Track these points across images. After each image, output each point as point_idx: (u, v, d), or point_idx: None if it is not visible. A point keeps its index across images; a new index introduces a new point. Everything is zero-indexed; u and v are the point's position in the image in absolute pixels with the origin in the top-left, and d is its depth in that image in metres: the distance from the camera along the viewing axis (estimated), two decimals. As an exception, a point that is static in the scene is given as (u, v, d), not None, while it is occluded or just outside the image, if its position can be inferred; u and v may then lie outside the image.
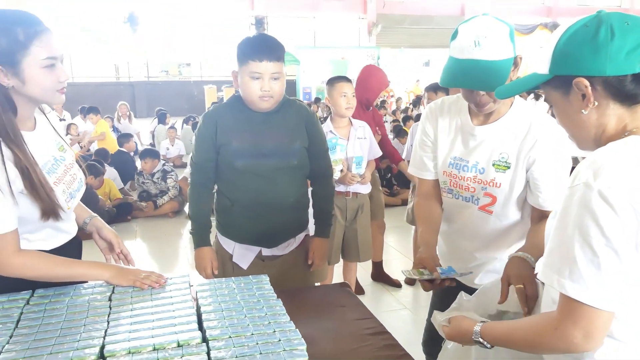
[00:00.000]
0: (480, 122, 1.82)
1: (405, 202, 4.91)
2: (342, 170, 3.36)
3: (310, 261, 2.34)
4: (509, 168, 1.76)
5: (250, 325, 1.40)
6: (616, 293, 1.04)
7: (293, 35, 18.54)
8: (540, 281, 1.49)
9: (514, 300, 1.56)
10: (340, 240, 3.59)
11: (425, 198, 2.01)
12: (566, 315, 1.08)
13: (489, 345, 1.30)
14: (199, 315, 1.48)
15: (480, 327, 1.30)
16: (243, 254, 2.26)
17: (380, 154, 3.66)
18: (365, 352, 1.54)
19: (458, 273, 1.76)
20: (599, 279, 1.04)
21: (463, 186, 1.87)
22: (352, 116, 3.50)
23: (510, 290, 1.58)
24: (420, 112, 8.51)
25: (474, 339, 1.31)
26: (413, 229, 4.44)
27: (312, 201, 2.39)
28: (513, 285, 1.53)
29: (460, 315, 1.41)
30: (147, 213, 6.38)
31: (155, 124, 11.23)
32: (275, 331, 1.38)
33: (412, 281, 4.33)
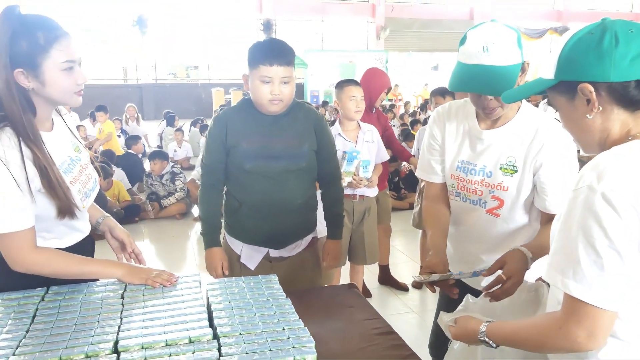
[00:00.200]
0: (487, 126, 1.84)
1: (412, 206, 4.92)
2: (351, 182, 3.37)
3: (324, 263, 2.36)
4: (516, 172, 1.78)
5: (259, 323, 1.43)
6: (619, 293, 1.06)
7: (301, 39, 18.57)
8: (546, 283, 1.52)
9: (519, 305, 1.58)
10: (347, 243, 3.59)
11: (433, 201, 2.02)
12: (570, 314, 1.10)
13: (495, 345, 1.31)
14: (210, 313, 1.51)
15: (486, 327, 1.32)
16: (251, 255, 2.29)
17: (387, 157, 3.66)
18: (372, 352, 1.56)
19: (465, 274, 1.78)
20: (602, 280, 1.06)
21: (471, 189, 1.88)
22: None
23: (517, 293, 1.61)
24: (428, 116, 8.52)
25: (480, 338, 1.32)
26: (420, 232, 4.46)
27: (322, 204, 2.41)
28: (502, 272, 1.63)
29: (467, 316, 1.43)
30: (154, 215, 6.42)
31: (163, 126, 11.28)
32: (285, 329, 1.40)
33: (420, 285, 4.32)
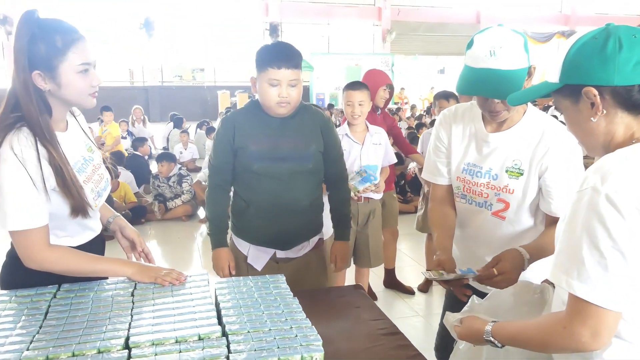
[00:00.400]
0: (493, 129, 1.86)
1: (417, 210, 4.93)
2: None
3: (332, 265, 2.38)
4: (522, 175, 1.79)
5: (267, 321, 1.45)
6: (623, 294, 1.08)
7: (307, 42, 18.57)
8: (551, 284, 1.53)
9: (524, 306, 1.59)
10: (352, 245, 3.59)
11: (439, 203, 2.04)
12: (574, 314, 1.12)
13: (500, 345, 1.33)
14: (218, 311, 1.53)
15: (492, 327, 1.33)
16: (258, 256, 2.31)
17: (395, 160, 3.66)
18: (378, 352, 1.58)
19: (477, 274, 1.79)
20: (606, 280, 1.07)
21: (476, 192, 1.90)
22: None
23: (523, 294, 1.61)
24: (433, 119, 8.52)
25: (485, 338, 1.34)
26: (425, 236, 4.46)
27: (330, 205, 2.43)
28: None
29: (472, 316, 1.45)
30: (160, 216, 6.44)
31: (169, 128, 11.31)
32: (292, 327, 1.42)
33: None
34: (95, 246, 1.82)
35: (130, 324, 1.43)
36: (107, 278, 1.77)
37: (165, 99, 18.75)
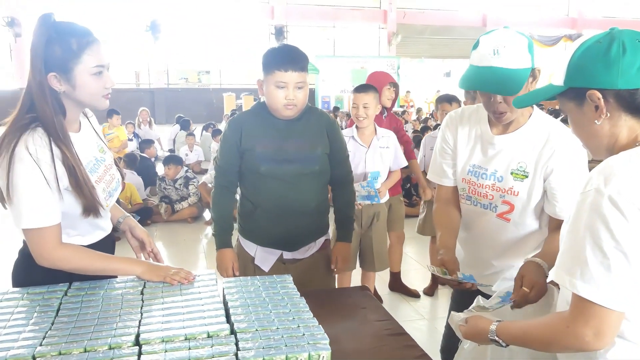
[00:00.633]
0: (499, 132, 1.87)
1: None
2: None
3: (333, 265, 2.40)
4: (527, 177, 1.81)
5: (275, 320, 1.47)
6: (626, 294, 1.10)
7: (312, 45, 18.63)
8: (555, 287, 1.55)
9: (530, 307, 1.60)
10: (357, 248, 3.60)
11: (444, 204, 2.05)
12: (578, 314, 1.13)
13: (505, 344, 1.34)
14: (227, 310, 1.55)
15: (496, 326, 1.35)
16: (265, 257, 2.33)
17: (404, 164, 3.62)
18: (385, 352, 1.60)
19: (478, 283, 1.80)
20: (609, 280, 1.09)
21: (482, 193, 1.91)
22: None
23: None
24: (438, 124, 8.52)
25: (490, 337, 1.35)
26: (429, 239, 4.46)
27: (334, 206, 2.45)
28: (523, 286, 1.59)
29: (477, 315, 1.46)
30: (166, 218, 6.46)
31: (176, 130, 11.34)
32: (300, 326, 1.44)
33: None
34: (106, 246, 1.84)
35: (140, 322, 1.45)
36: (117, 277, 1.79)
37: (171, 101, 18.82)
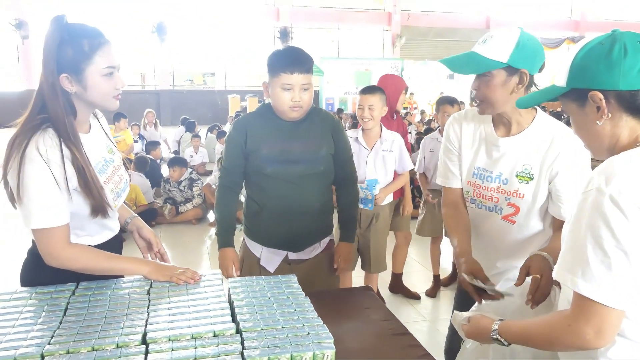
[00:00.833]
0: (503, 134, 1.88)
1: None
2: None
3: (335, 265, 2.42)
4: (532, 179, 1.81)
5: (280, 319, 1.49)
6: (626, 292, 1.11)
7: (317, 46, 18.64)
8: (557, 286, 1.56)
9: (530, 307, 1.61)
10: (356, 248, 3.57)
11: (453, 207, 2.03)
12: (579, 312, 1.15)
13: (507, 343, 1.35)
14: (232, 309, 1.57)
15: (498, 325, 1.36)
16: (270, 258, 2.35)
17: (410, 167, 3.57)
18: (388, 351, 1.61)
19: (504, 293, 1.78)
20: (610, 279, 1.10)
21: (486, 196, 1.92)
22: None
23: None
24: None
25: (492, 336, 1.37)
26: (430, 240, 4.46)
27: (338, 206, 2.47)
28: (531, 274, 1.60)
29: (479, 314, 1.47)
30: (170, 219, 6.48)
31: (181, 131, 11.37)
32: (304, 325, 1.46)
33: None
34: (113, 246, 1.86)
35: (147, 321, 1.47)
36: (123, 277, 1.81)
37: (176, 102, 18.85)
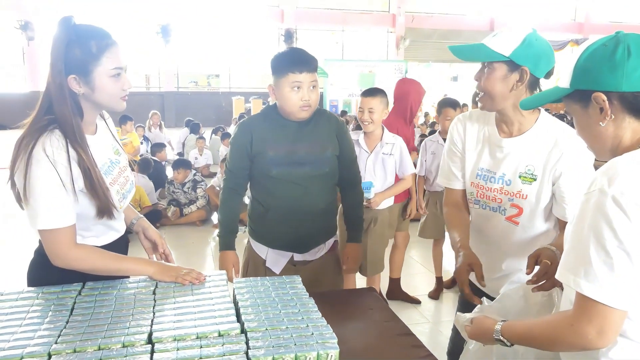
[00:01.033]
0: (507, 135, 1.88)
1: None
2: None
3: (344, 266, 2.42)
4: (535, 180, 1.82)
5: (284, 319, 1.50)
6: (628, 293, 1.11)
7: (321, 48, 18.66)
8: (559, 287, 1.56)
9: (533, 308, 1.61)
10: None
11: (455, 207, 2.05)
12: (581, 312, 1.15)
13: (509, 344, 1.36)
14: (237, 310, 1.58)
15: (501, 326, 1.37)
16: (276, 259, 2.36)
17: (412, 170, 3.54)
18: (392, 352, 1.62)
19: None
20: (612, 279, 1.11)
21: (490, 197, 1.92)
22: (393, 129, 3.54)
23: (532, 296, 1.64)
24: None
25: (494, 337, 1.37)
26: (432, 242, 4.45)
27: (343, 208, 2.48)
28: (541, 260, 1.60)
29: (482, 315, 1.48)
30: (174, 220, 6.50)
31: (185, 133, 11.39)
32: (308, 325, 1.47)
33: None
34: (119, 246, 1.88)
35: (152, 321, 1.48)
36: (129, 277, 1.82)
37: (181, 104, 18.90)
